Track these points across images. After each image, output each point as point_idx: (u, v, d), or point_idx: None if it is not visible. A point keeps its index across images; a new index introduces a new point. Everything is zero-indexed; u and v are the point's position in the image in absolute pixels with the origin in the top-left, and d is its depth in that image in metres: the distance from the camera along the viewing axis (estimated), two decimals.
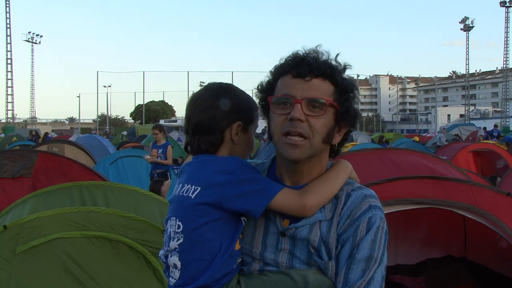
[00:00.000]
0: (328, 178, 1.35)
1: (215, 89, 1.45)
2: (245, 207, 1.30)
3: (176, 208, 1.36)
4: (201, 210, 1.30)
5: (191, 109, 1.43)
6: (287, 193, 1.31)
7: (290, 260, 1.33)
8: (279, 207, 1.31)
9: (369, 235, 1.28)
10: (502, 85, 53.71)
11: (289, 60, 1.35)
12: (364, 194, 1.35)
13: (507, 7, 49.56)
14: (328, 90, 1.31)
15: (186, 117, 1.45)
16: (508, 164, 10.58)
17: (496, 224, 3.11)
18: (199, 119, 1.40)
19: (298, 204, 1.30)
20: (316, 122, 1.29)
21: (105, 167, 10.26)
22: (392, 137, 24.73)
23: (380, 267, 1.27)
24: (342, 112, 1.33)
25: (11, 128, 38.41)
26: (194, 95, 1.46)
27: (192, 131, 1.41)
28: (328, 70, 1.32)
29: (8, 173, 5.32)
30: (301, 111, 1.28)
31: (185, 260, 1.32)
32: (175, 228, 1.34)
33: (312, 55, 1.34)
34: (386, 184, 3.20)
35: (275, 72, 1.39)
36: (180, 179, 1.40)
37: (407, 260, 4.53)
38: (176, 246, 1.33)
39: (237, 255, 1.35)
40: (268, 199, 1.29)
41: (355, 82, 1.40)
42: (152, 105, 64.25)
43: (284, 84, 1.33)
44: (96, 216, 3.26)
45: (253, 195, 1.29)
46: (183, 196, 1.34)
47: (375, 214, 1.31)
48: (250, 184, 1.31)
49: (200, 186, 1.31)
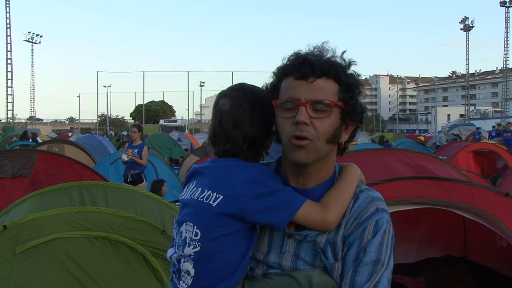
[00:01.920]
0: (344, 188, 1.34)
1: (267, 95, 1.38)
2: (268, 221, 1.28)
3: (194, 214, 1.31)
4: (222, 221, 1.27)
5: (248, 116, 1.35)
6: (309, 207, 1.29)
7: (294, 263, 1.32)
8: (302, 221, 1.29)
9: (376, 238, 1.28)
10: (502, 85, 53.68)
11: (291, 61, 1.33)
12: (371, 196, 1.34)
13: (507, 7, 49.50)
14: (332, 89, 1.29)
15: (234, 120, 1.35)
16: (508, 164, 10.57)
17: (494, 224, 3.12)
18: (257, 130, 1.36)
19: (321, 220, 1.28)
20: (321, 124, 1.27)
21: (105, 167, 10.28)
22: (392, 137, 24.70)
23: (386, 270, 1.27)
24: (348, 110, 1.31)
25: (11, 128, 38.37)
26: (247, 99, 1.37)
27: (244, 138, 1.34)
28: (331, 69, 1.29)
29: (8, 172, 5.32)
30: (306, 114, 1.25)
31: (200, 269, 1.29)
32: (191, 235, 1.30)
33: (316, 53, 1.32)
34: (385, 184, 3.21)
35: (278, 74, 1.36)
36: (198, 181, 1.35)
37: (407, 260, 4.53)
38: (191, 253, 1.30)
39: (249, 263, 1.35)
40: (292, 213, 1.28)
41: (360, 76, 1.36)
42: (152, 105, 64.30)
43: (288, 87, 1.31)
44: (96, 216, 3.26)
45: (277, 209, 1.27)
46: (203, 202, 1.29)
47: (382, 217, 1.30)
48: (274, 196, 1.28)
49: (222, 195, 1.27)
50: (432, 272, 4.49)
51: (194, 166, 1.41)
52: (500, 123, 32.34)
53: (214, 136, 1.39)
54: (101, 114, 59.20)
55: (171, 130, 28.87)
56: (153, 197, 4.28)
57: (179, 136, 23.63)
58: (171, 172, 11.58)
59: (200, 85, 60.12)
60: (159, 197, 4.44)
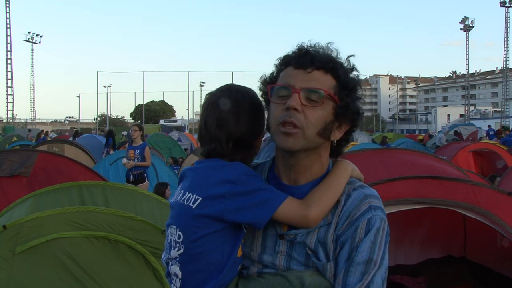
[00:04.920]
0: (330, 185, 1.31)
1: (254, 95, 1.39)
2: (247, 220, 1.27)
3: (176, 217, 1.32)
4: (202, 222, 1.26)
5: (232, 116, 1.33)
6: (290, 204, 1.28)
7: (288, 263, 1.31)
8: (282, 218, 1.28)
9: (368, 237, 1.25)
10: (502, 85, 53.68)
11: (293, 52, 1.34)
12: (364, 194, 1.31)
13: (507, 7, 49.54)
14: (329, 83, 1.28)
15: (218, 120, 1.33)
16: (508, 164, 10.57)
17: (497, 223, 3.11)
18: (243, 130, 1.34)
19: (302, 217, 1.27)
20: (313, 113, 1.25)
21: (105, 167, 10.27)
22: (392, 137, 24.70)
23: (380, 270, 1.24)
24: (341, 106, 1.29)
25: (11, 128, 38.38)
26: (232, 99, 1.35)
27: (228, 139, 1.32)
28: (330, 63, 1.29)
29: (6, 171, 5.31)
30: (298, 101, 1.25)
31: (186, 271, 1.29)
32: (175, 237, 1.31)
33: (318, 49, 1.32)
34: (386, 184, 3.19)
35: (278, 64, 1.37)
36: (182, 184, 1.36)
37: (407, 260, 4.52)
38: (176, 256, 1.30)
39: (239, 262, 1.34)
40: (271, 211, 1.26)
41: (360, 81, 1.36)
42: (152, 105, 64.27)
43: (285, 75, 1.32)
44: (96, 216, 3.26)
45: (255, 207, 1.26)
46: (183, 204, 1.30)
47: (375, 215, 1.28)
48: (253, 195, 1.27)
49: (201, 196, 1.27)
50: (432, 272, 4.48)
51: (183, 169, 1.41)
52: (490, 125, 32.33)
53: (200, 136, 1.39)
54: (101, 114, 59.23)
55: (171, 130, 28.85)
56: (153, 197, 4.27)
57: (179, 136, 23.62)
58: (171, 172, 11.57)
59: (200, 85, 60.12)
60: (159, 197, 4.42)
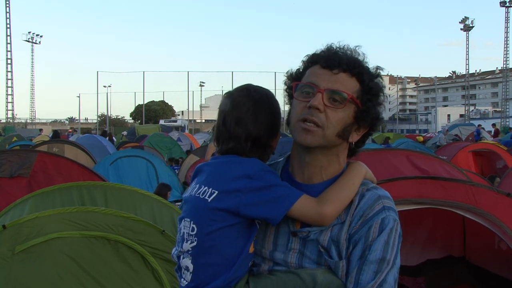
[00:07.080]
0: (344, 184, 1.33)
1: (272, 96, 1.43)
2: (262, 215, 1.28)
3: (191, 210, 1.33)
4: (217, 215, 1.27)
5: (251, 115, 1.36)
6: (305, 201, 1.29)
7: (300, 260, 1.31)
8: (297, 215, 1.29)
9: (382, 237, 1.26)
10: (502, 85, 53.64)
11: (322, 51, 1.35)
12: (378, 194, 1.33)
13: (507, 7, 49.50)
14: (353, 86, 1.30)
15: (237, 119, 1.36)
16: (508, 165, 10.57)
17: (496, 225, 3.10)
18: (261, 130, 1.36)
19: (317, 214, 1.28)
20: (334, 114, 1.27)
21: (105, 167, 10.26)
22: (392, 137, 24.68)
23: (392, 269, 1.25)
24: (363, 110, 1.31)
25: (11, 128, 38.36)
26: (251, 99, 1.38)
27: (247, 137, 1.35)
28: (357, 67, 1.31)
29: (6, 172, 5.31)
30: (321, 101, 1.27)
31: (198, 264, 1.30)
32: (189, 230, 1.31)
33: (347, 51, 1.34)
34: (387, 184, 3.19)
35: (306, 61, 1.39)
36: (198, 178, 1.37)
37: (407, 261, 4.51)
38: (189, 249, 1.31)
39: (250, 258, 1.34)
40: (287, 207, 1.27)
41: (384, 88, 1.38)
42: (152, 105, 64.17)
43: (311, 73, 1.34)
44: (95, 216, 3.26)
45: (271, 203, 1.27)
46: (199, 198, 1.31)
47: (389, 216, 1.29)
48: (269, 191, 1.28)
49: (217, 190, 1.28)
50: (432, 272, 4.48)
51: (198, 165, 1.43)
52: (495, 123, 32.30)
53: (218, 135, 1.41)
54: (101, 114, 59.22)
55: (171, 130, 28.80)
56: (153, 198, 4.27)
57: (179, 136, 23.60)
58: (171, 172, 11.57)
59: (200, 85, 60.16)
60: (159, 197, 4.43)
